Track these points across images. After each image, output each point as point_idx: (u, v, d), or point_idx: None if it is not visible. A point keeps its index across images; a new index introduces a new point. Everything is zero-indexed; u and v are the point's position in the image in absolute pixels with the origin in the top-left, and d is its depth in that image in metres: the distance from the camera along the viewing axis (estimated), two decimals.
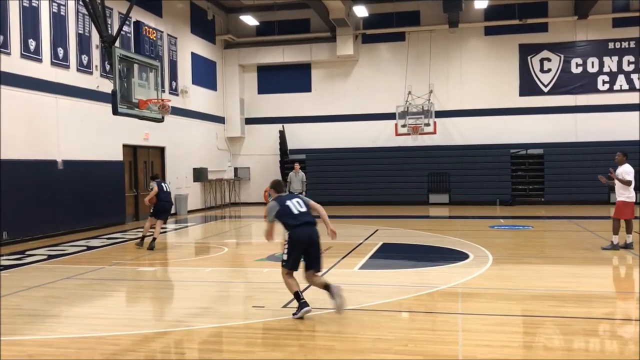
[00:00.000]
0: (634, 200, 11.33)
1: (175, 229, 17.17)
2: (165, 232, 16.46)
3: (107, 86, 15.38)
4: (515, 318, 6.69)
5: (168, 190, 12.77)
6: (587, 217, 18.00)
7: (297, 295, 6.60)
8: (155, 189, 12.46)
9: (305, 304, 6.52)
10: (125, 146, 18.27)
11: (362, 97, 25.32)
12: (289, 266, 6.67)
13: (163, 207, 12.66)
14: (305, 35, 25.35)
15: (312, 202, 6.99)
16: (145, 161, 19.77)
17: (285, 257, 6.68)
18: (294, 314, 6.54)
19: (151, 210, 12.77)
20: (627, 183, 11.10)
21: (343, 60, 25.06)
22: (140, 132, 18.83)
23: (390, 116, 23.92)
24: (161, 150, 20.67)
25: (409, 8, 24.45)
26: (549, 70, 23.81)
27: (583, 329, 6.04)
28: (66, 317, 7.00)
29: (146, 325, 6.53)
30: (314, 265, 6.72)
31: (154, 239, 12.40)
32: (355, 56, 24.84)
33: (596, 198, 22.58)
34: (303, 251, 6.64)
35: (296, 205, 6.79)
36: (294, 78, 25.95)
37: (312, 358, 5.32)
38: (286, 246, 6.69)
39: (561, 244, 12.69)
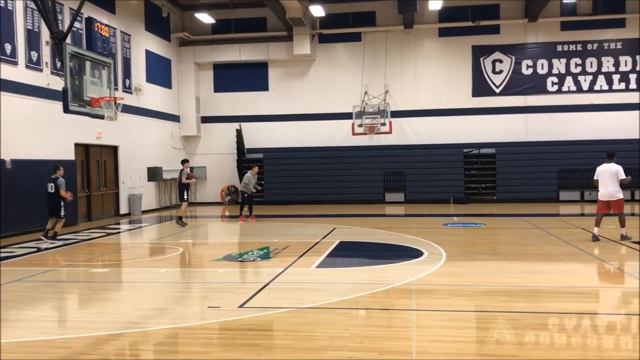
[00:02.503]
0: (600, 198, 12.17)
1: (129, 230, 16.88)
2: (118, 232, 16.18)
3: (58, 83, 15.00)
4: (467, 314, 6.84)
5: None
6: (537, 214, 18.53)
7: (47, 233, 13.35)
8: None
9: (53, 237, 13.30)
10: (77, 145, 17.85)
11: (319, 97, 25.40)
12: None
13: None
14: (262, 33, 25.27)
15: (62, 189, 13.30)
16: (98, 160, 19.36)
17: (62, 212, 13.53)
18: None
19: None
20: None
21: (300, 59, 25.08)
22: (92, 131, 18.43)
23: (347, 116, 24.08)
24: (114, 149, 20.27)
25: (364, 9, 24.66)
26: (501, 71, 24.40)
27: (532, 323, 6.22)
28: (14, 321, 6.79)
29: (98, 327, 6.40)
30: (55, 214, 13.35)
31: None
32: (312, 55, 24.90)
33: (545, 196, 23.31)
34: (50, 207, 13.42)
35: (49, 188, 13.30)
36: (250, 76, 25.83)
37: (268, 357, 5.33)
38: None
39: (512, 241, 13.03)
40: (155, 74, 23.39)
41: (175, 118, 25.23)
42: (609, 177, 11.96)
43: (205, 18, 23.78)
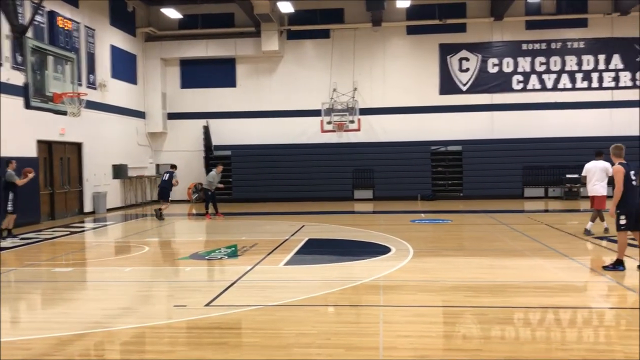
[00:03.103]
0: (590, 194, 12.70)
1: (94, 228, 16.57)
2: (82, 231, 15.88)
3: (19, 79, 14.64)
4: (434, 309, 6.90)
5: (164, 178, 18.04)
6: (502, 210, 18.82)
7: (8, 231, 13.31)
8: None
9: (8, 235, 13.19)
10: (40, 142, 17.43)
11: (288, 93, 25.31)
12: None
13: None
14: (230, 29, 25.06)
15: (16, 179, 13.19)
16: (62, 157, 18.95)
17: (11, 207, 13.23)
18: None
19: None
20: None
21: (268, 55, 24.96)
22: (56, 127, 18.02)
23: (316, 113, 24.07)
24: (78, 146, 19.87)
25: (333, 6, 24.66)
26: (467, 69, 24.67)
27: (497, 318, 6.31)
28: None
29: (61, 327, 6.26)
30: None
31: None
32: (280, 52, 24.80)
33: (511, 193, 23.70)
34: None
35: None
36: (218, 73, 25.60)
37: (235, 355, 5.28)
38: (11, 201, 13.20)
39: (478, 236, 13.21)
40: (121, 70, 23.00)
41: (140, 114, 24.85)
42: (598, 173, 12.37)
43: (171, 13, 23.47)
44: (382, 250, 10.97)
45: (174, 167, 18.98)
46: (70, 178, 19.37)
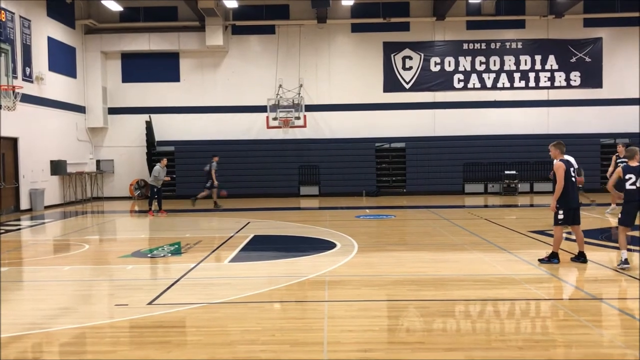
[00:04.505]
0: None
1: (31, 226, 16.00)
2: (18, 229, 15.31)
3: None
4: (378, 303, 7.01)
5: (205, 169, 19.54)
6: (444, 206, 19.27)
7: None
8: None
9: None
10: None
11: (233, 89, 25.09)
12: None
13: None
14: (173, 23, 24.61)
15: None
16: None
17: None
18: None
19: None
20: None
21: (213, 50, 24.66)
22: None
23: (262, 109, 23.96)
24: (14, 141, 19.10)
25: (278, 2, 24.58)
26: (410, 67, 25.08)
27: (439, 311, 6.47)
28: None
29: None
30: None
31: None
32: (225, 47, 24.54)
33: (452, 189, 24.29)
34: None
35: None
36: (161, 67, 25.09)
37: (178, 353, 5.23)
38: None
39: (420, 231, 13.49)
40: (59, 63, 22.23)
41: (80, 109, 24.11)
42: None
43: (112, 5, 22.83)
44: (327, 245, 11.05)
45: (214, 156, 20.11)
46: (5, 174, 18.61)
